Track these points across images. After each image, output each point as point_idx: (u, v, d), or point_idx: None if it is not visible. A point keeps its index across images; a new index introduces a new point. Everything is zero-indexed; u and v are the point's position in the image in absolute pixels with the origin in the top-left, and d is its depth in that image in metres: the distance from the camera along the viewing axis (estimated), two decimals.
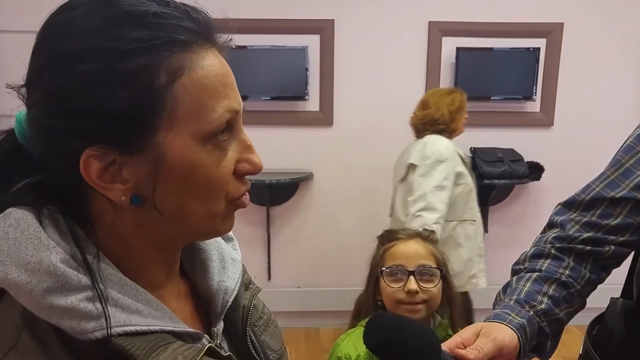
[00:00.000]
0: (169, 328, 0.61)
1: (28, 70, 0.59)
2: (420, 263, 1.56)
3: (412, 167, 2.97)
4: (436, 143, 2.93)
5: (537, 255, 1.17)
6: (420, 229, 1.72)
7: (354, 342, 1.59)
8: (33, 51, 0.59)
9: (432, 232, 1.69)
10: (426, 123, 3.03)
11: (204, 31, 0.60)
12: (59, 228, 0.59)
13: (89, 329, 0.55)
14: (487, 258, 4.03)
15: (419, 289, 1.52)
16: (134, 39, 0.55)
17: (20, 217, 0.57)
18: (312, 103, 3.86)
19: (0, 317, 0.58)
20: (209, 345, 0.63)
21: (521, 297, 1.07)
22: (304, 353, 3.62)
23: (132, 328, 0.57)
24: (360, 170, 3.95)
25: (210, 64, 0.60)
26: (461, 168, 2.94)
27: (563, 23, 3.80)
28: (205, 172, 0.60)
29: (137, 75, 0.55)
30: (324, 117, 3.88)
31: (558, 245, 1.15)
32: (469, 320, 2.47)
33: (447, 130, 3.03)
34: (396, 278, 1.55)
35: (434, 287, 1.55)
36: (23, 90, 0.60)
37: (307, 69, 3.77)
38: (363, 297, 1.68)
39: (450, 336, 1.59)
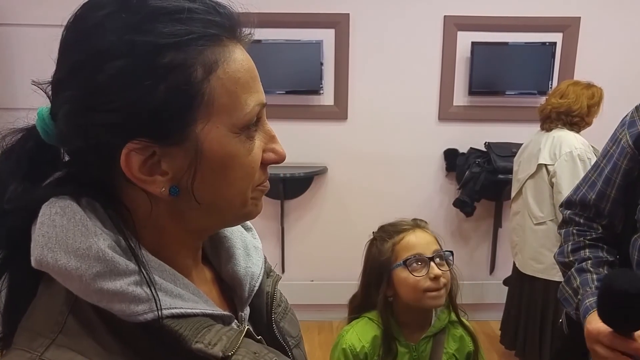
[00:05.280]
0: (208, 311, 0.63)
1: (57, 68, 0.60)
2: (434, 249, 1.60)
3: (543, 167, 2.95)
4: (572, 140, 2.88)
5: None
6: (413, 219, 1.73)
7: (358, 334, 1.62)
8: (62, 50, 0.60)
9: (425, 221, 1.71)
10: (561, 113, 2.96)
11: (231, 26, 0.62)
12: (99, 216, 0.60)
13: (139, 312, 0.57)
14: (501, 252, 4.04)
15: (441, 273, 1.56)
16: (170, 34, 0.56)
17: (65, 205, 0.59)
18: (327, 97, 3.87)
19: (44, 304, 0.60)
20: (247, 327, 0.65)
21: None
22: (317, 346, 3.64)
23: (177, 310, 0.60)
24: (375, 165, 3.96)
25: (241, 58, 0.62)
26: None
27: (580, 17, 3.77)
28: (239, 161, 0.62)
29: (175, 69, 0.56)
30: (338, 112, 3.89)
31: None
32: None
33: (580, 123, 2.97)
34: (415, 268, 1.57)
35: (448, 270, 1.60)
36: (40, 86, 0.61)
37: (322, 63, 3.77)
38: (360, 297, 1.70)
39: (455, 321, 1.63)
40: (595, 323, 1.15)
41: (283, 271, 4.05)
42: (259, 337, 0.68)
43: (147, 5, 0.57)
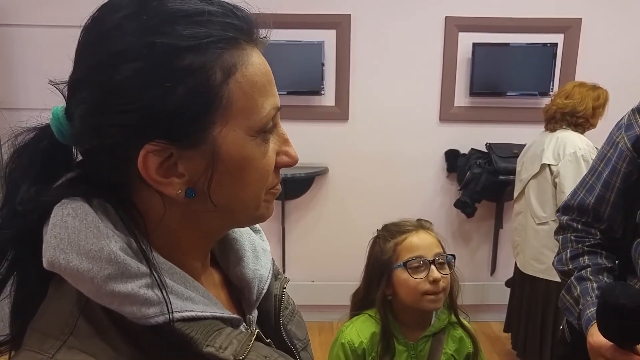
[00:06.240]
0: (218, 314, 0.63)
1: (74, 68, 0.60)
2: (436, 252, 1.59)
3: (547, 167, 2.95)
4: (576, 141, 2.88)
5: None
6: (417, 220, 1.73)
7: (357, 329, 1.63)
8: (79, 51, 0.59)
9: (430, 222, 1.70)
10: (566, 113, 2.97)
11: (248, 29, 0.61)
12: (110, 218, 0.60)
13: (150, 314, 0.57)
14: (502, 253, 4.04)
15: (441, 277, 1.55)
16: (189, 36, 0.56)
17: (77, 207, 0.59)
18: (328, 98, 3.87)
19: (54, 305, 0.60)
20: (257, 330, 0.65)
21: None
22: (317, 346, 3.64)
23: (188, 314, 0.60)
24: (375, 165, 3.96)
25: (258, 62, 0.62)
26: None
27: (581, 18, 3.77)
28: (255, 164, 0.62)
29: (194, 72, 0.56)
30: (339, 112, 3.89)
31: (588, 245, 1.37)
32: None
33: (585, 125, 2.98)
34: (415, 270, 1.56)
35: (449, 273, 1.59)
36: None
37: (323, 64, 3.77)
38: (362, 293, 1.70)
39: (455, 322, 1.63)
40: (596, 336, 1.14)
41: (284, 271, 4.04)
42: (268, 340, 0.68)
43: (165, 7, 0.57)
